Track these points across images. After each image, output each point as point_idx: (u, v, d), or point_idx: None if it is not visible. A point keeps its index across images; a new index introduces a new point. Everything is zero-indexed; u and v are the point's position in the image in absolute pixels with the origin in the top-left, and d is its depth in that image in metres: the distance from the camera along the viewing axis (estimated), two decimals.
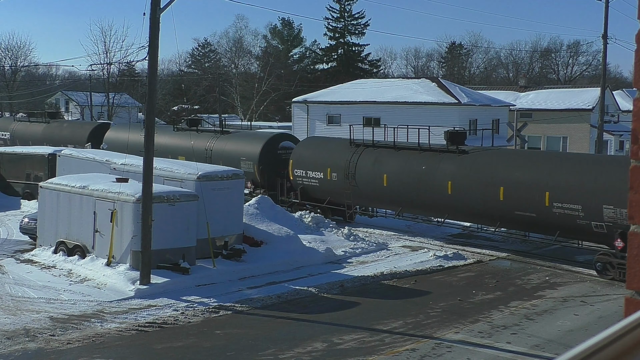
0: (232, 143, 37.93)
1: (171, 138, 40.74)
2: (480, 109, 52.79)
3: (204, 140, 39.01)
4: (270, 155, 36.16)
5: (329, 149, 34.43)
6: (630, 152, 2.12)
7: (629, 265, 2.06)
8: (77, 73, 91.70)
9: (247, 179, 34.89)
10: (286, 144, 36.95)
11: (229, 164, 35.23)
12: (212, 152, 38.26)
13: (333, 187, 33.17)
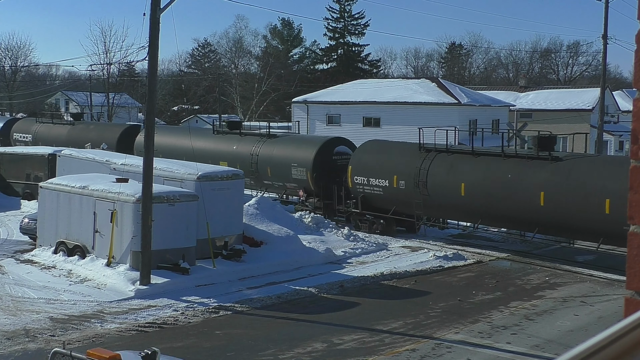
0: (281, 148, 35.62)
1: (211, 142, 38.85)
2: (480, 109, 52.78)
3: (248, 144, 37.08)
4: (325, 161, 33.76)
5: (394, 154, 31.72)
6: (630, 152, 2.12)
7: (629, 265, 2.06)
8: (77, 73, 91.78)
9: (299, 187, 34.14)
10: (342, 148, 34.60)
11: (278, 171, 34.97)
12: (259, 158, 36.10)
13: (400, 196, 30.26)
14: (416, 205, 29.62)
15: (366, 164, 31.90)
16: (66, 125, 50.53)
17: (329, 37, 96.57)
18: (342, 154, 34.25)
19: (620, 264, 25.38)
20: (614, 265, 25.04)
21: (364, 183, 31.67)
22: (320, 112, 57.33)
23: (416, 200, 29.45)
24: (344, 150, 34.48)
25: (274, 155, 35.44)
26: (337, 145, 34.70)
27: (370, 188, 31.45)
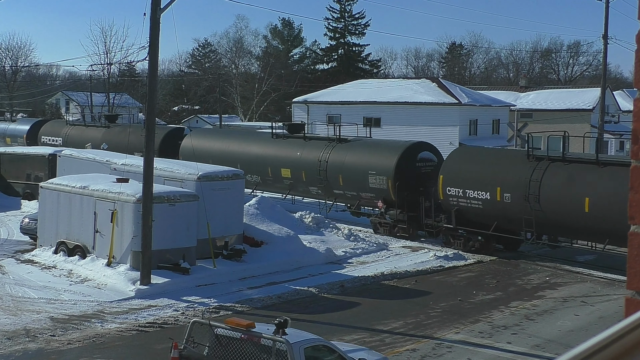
0: (354, 154, 32.43)
1: (270, 147, 36.21)
2: (480, 109, 52.78)
3: (314, 150, 33.90)
4: (408, 168, 30.37)
5: (497, 163, 28.20)
6: (630, 152, 2.12)
7: (629, 265, 2.06)
8: (77, 73, 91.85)
9: (378, 197, 30.94)
10: (426, 154, 31.22)
11: (352, 179, 31.97)
12: (328, 165, 32.92)
13: (504, 211, 26.67)
14: (526, 221, 25.94)
15: (461, 174, 28.12)
16: (100, 127, 46.86)
17: (330, 37, 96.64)
18: (426, 160, 31.00)
19: (621, 264, 25.42)
20: (614, 265, 25.04)
21: (458, 195, 28.03)
22: (320, 112, 57.32)
23: (525, 216, 25.78)
24: (428, 156, 31.25)
25: (347, 162, 32.27)
26: (421, 151, 31.28)
27: (467, 201, 27.80)
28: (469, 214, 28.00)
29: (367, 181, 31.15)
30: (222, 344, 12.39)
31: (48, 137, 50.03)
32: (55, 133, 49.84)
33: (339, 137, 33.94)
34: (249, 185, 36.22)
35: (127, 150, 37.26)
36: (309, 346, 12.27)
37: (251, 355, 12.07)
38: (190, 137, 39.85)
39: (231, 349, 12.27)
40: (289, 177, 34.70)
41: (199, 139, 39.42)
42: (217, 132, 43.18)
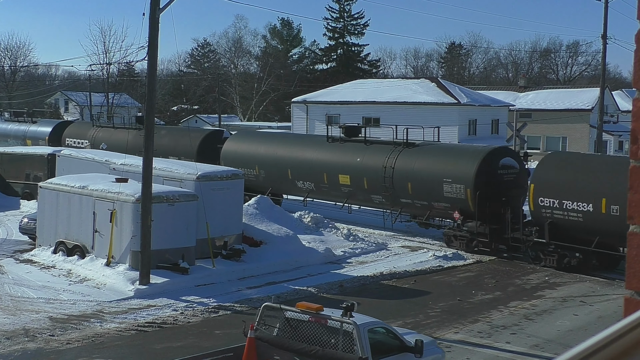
0: (426, 160, 29.57)
1: (325, 152, 33.52)
2: (479, 109, 52.82)
3: (377, 155, 31.10)
4: (490, 176, 27.58)
5: (600, 170, 25.51)
6: (629, 152, 2.12)
7: (629, 265, 2.06)
8: (76, 73, 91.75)
9: (453, 208, 28.23)
10: (508, 161, 28.46)
11: (423, 188, 29.15)
12: (394, 171, 30.04)
13: (610, 225, 23.76)
14: None
15: (557, 183, 25.63)
16: (130, 129, 43.60)
17: (329, 37, 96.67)
18: (508, 167, 28.26)
19: (620, 264, 25.44)
20: (615, 266, 25.05)
21: (553, 206, 25.43)
22: (319, 112, 57.35)
23: None
24: (510, 163, 28.50)
25: (417, 169, 29.38)
26: (503, 157, 28.47)
27: (563, 213, 25.17)
28: (566, 227, 25.23)
29: (441, 190, 28.31)
30: (292, 326, 13.49)
31: (73, 140, 47.55)
32: (81, 135, 47.59)
33: (406, 141, 30.91)
34: (300, 193, 35.06)
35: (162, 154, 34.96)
36: (371, 327, 13.30)
37: (319, 335, 13.12)
38: (232, 141, 37.98)
39: (300, 330, 13.33)
40: (348, 185, 32.08)
41: (242, 143, 37.56)
42: (261, 136, 39.61)
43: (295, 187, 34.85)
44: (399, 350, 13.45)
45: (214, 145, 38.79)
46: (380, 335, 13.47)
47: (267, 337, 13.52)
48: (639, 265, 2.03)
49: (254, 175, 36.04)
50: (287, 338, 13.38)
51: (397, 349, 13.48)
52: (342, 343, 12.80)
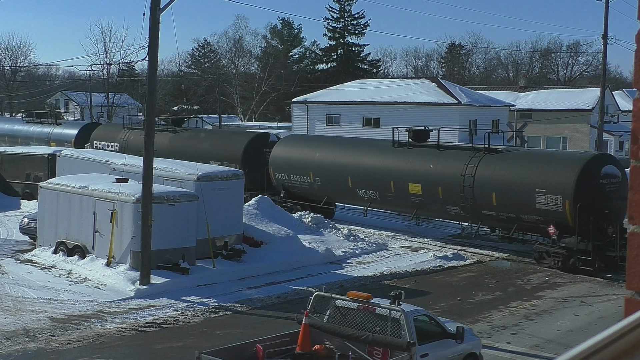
0: (513, 167, 26.78)
1: (391, 158, 30.89)
2: (480, 109, 52.81)
3: (453, 162, 28.54)
4: (591, 186, 24.98)
5: None
6: (630, 152, 2.12)
7: (629, 265, 2.07)
8: (76, 73, 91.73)
9: (547, 221, 25.56)
10: (610, 169, 25.67)
11: (510, 198, 26.33)
12: (475, 180, 27.29)
13: None
14: None
15: None
16: (166, 132, 40.66)
17: (329, 37, 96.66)
18: (610, 176, 25.52)
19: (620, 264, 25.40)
20: (614, 266, 25.04)
21: None
22: (320, 112, 57.35)
23: None
24: (612, 171, 25.69)
25: (503, 177, 26.62)
26: (605, 165, 25.72)
27: None
28: None
29: (533, 201, 25.57)
30: (341, 313, 14.37)
31: (102, 143, 44.34)
32: (111, 138, 44.42)
33: (488, 147, 28.10)
34: (361, 202, 32.43)
35: (202, 159, 32.88)
36: (416, 315, 14.17)
37: (367, 322, 13.94)
38: (282, 145, 35.44)
39: (349, 317, 14.17)
40: (419, 194, 29.25)
41: (293, 147, 35.12)
42: (316, 140, 36.59)
43: (356, 196, 32.36)
44: (441, 337, 14.34)
45: (260, 150, 36.21)
46: (424, 323, 14.33)
47: (318, 323, 14.28)
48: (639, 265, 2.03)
49: (307, 182, 33.77)
50: (337, 324, 14.21)
51: (439, 335, 14.35)
52: (390, 329, 13.62)
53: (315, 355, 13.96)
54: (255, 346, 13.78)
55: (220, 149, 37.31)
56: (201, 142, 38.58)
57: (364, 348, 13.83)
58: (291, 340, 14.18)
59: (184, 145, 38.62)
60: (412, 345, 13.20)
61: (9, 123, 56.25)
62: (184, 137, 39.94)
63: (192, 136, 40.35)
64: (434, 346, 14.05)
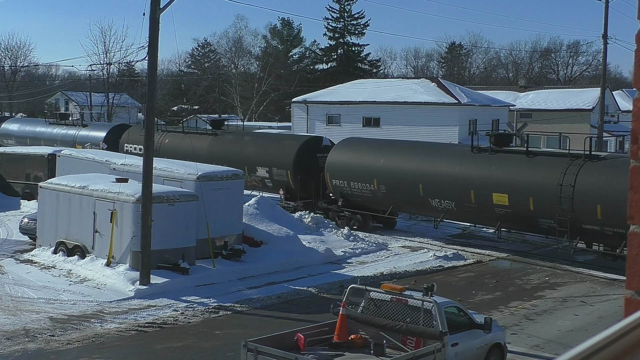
0: (622, 175, 23.34)
1: (470, 165, 28.16)
2: (480, 109, 52.79)
3: (548, 169, 25.84)
4: None
5: None
6: (630, 152, 2.12)
7: (629, 265, 2.06)
8: (76, 73, 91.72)
9: None
10: None
11: (620, 212, 22.07)
12: (575, 191, 24.75)
13: None
14: None
15: None
16: (205, 135, 38.84)
17: (329, 37, 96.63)
18: None
19: (620, 264, 25.40)
20: (614, 265, 25.04)
21: None
22: (320, 112, 57.34)
23: None
24: None
25: (610, 187, 23.95)
26: None
27: None
28: None
29: None
30: (375, 305, 15.17)
31: (134, 146, 41.53)
32: None
33: (589, 153, 25.58)
34: (434, 213, 29.91)
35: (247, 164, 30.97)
36: (446, 306, 14.81)
37: (400, 313, 14.67)
38: (341, 150, 32.90)
39: (383, 308, 14.99)
40: (505, 205, 26.54)
41: (353, 152, 32.57)
42: (378, 144, 33.41)
43: (428, 207, 29.71)
44: (469, 327, 15.01)
45: (313, 155, 34.02)
46: (453, 314, 14.96)
47: (354, 314, 15.06)
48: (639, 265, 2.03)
49: (370, 190, 31.17)
50: (371, 315, 15.03)
51: (467, 325, 15.02)
52: (422, 319, 14.36)
53: (351, 344, 14.60)
54: (296, 335, 14.39)
55: (269, 154, 35.09)
56: (246, 147, 36.25)
57: (398, 337, 14.51)
58: (329, 330, 14.84)
59: (226, 150, 36.58)
60: (444, 335, 13.92)
61: (31, 125, 54.00)
62: (225, 141, 37.55)
63: (235, 140, 37.94)
64: (463, 336, 14.69)
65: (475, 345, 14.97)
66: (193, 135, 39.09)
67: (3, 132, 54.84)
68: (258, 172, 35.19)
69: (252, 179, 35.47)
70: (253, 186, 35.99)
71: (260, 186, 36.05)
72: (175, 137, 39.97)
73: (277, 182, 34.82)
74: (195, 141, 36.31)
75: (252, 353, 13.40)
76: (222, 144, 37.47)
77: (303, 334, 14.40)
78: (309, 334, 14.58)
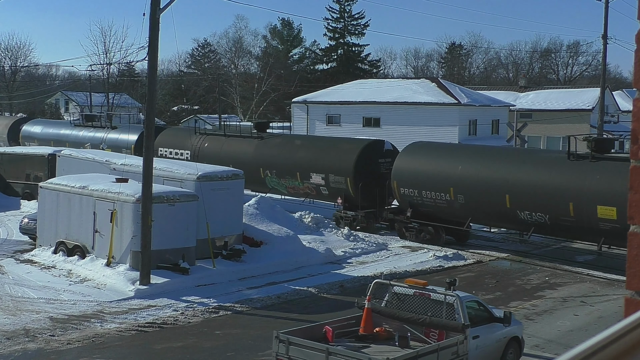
0: None
1: (568, 173, 25.48)
2: (480, 110, 52.78)
3: None
4: None
5: None
6: (630, 152, 2.12)
7: (629, 266, 2.06)
8: (76, 73, 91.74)
9: None
10: None
11: None
12: None
13: None
14: None
15: None
16: (249, 139, 36.32)
17: (329, 37, 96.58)
18: None
19: (620, 264, 25.39)
20: (614, 265, 25.05)
21: None
22: (320, 112, 57.34)
23: None
24: None
25: None
26: None
27: None
28: None
29: None
30: (399, 299, 15.70)
31: (169, 150, 39.86)
32: (180, 145, 39.92)
33: None
34: (520, 226, 27.74)
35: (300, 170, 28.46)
36: (468, 301, 15.45)
37: (422, 306, 15.24)
38: (408, 155, 30.44)
39: (406, 302, 15.53)
40: (612, 220, 23.96)
41: (424, 157, 30.18)
42: (454, 149, 30.70)
43: (515, 219, 27.04)
44: (489, 321, 15.52)
45: (374, 161, 31.83)
46: (474, 308, 15.48)
47: (378, 308, 15.62)
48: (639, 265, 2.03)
49: (446, 200, 28.68)
50: (394, 309, 15.55)
51: (487, 319, 15.54)
52: (445, 313, 14.95)
53: (376, 336, 15.15)
54: (325, 328, 14.94)
55: (325, 159, 32.58)
56: (297, 151, 33.49)
57: (421, 330, 15.07)
58: (355, 323, 15.41)
59: (275, 155, 34.36)
60: (466, 327, 14.50)
61: (55, 127, 52.07)
62: (273, 145, 35.09)
63: (283, 143, 35.44)
64: (484, 329, 15.21)
65: (495, 338, 15.49)
66: (234, 137, 37.21)
67: (25, 134, 53.24)
68: (312, 178, 32.53)
69: (305, 186, 33.15)
70: (306, 194, 33.75)
71: (314, 194, 33.59)
72: (216, 141, 37.75)
73: (334, 190, 32.28)
74: (239, 145, 34.85)
75: (283, 344, 13.96)
76: (269, 148, 35.15)
77: (331, 327, 14.94)
78: (336, 326, 15.11)
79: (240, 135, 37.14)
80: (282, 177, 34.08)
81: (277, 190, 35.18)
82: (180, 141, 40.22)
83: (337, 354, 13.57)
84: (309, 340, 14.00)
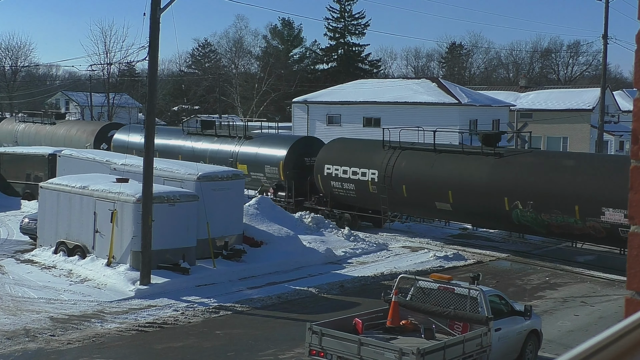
0: None
1: None
2: (480, 109, 52.78)
3: None
4: None
5: None
6: (630, 152, 2.12)
7: (629, 266, 2.06)
8: (77, 73, 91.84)
9: None
10: None
11: None
12: None
13: None
14: None
15: None
16: (478, 155, 28.10)
17: (329, 37, 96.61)
18: None
19: (620, 264, 25.40)
20: (614, 265, 25.05)
21: None
22: (320, 112, 57.34)
23: None
24: None
25: None
26: None
27: None
28: None
29: None
30: (424, 293, 16.22)
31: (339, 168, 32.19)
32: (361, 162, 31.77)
33: None
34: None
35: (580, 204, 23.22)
36: (490, 295, 15.90)
37: (446, 300, 15.75)
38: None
39: (431, 296, 16.07)
40: None
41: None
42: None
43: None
44: (510, 314, 16.09)
45: None
46: (496, 302, 15.96)
47: (404, 301, 16.13)
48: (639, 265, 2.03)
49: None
50: (419, 302, 16.06)
51: (508, 312, 16.09)
52: (469, 306, 15.45)
53: (403, 328, 15.69)
54: (354, 320, 15.47)
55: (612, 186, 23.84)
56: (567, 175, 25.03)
57: (445, 323, 15.57)
58: (383, 316, 15.96)
59: (529, 183, 25.71)
60: (490, 320, 15.01)
61: (164, 136, 40.46)
62: (522, 166, 26.39)
63: (538, 163, 26.38)
64: (505, 322, 15.74)
65: (516, 331, 16.01)
66: (455, 155, 28.60)
67: (117, 143, 43.06)
68: (605, 215, 23.76)
69: (590, 224, 24.41)
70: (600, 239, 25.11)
71: None
72: (419, 158, 29.64)
73: None
74: (464, 165, 27.59)
75: (316, 335, 14.45)
76: (514, 169, 26.48)
77: (360, 319, 15.46)
78: (365, 319, 15.63)
79: (462, 150, 28.68)
80: (542, 212, 25.40)
81: (529, 229, 26.98)
82: (360, 157, 31.94)
83: (368, 344, 14.03)
84: (341, 332, 14.50)
